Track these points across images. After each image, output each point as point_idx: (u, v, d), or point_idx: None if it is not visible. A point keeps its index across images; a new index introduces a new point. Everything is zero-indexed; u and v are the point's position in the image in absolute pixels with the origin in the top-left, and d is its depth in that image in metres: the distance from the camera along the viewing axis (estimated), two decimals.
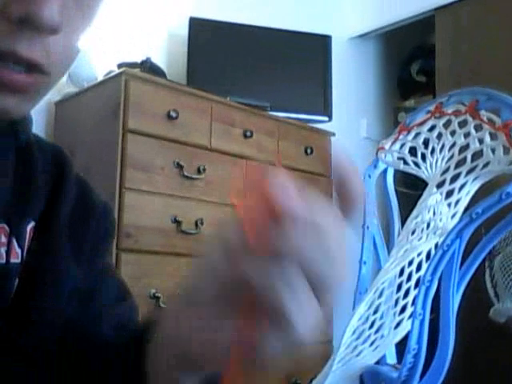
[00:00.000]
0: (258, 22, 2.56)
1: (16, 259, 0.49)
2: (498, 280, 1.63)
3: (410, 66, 3.30)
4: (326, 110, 2.57)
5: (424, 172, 0.47)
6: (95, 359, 0.49)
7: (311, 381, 1.95)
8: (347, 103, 3.07)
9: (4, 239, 0.48)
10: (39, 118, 2.15)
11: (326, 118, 2.57)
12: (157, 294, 1.79)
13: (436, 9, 2.77)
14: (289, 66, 2.57)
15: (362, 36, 3.20)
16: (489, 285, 1.66)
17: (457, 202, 0.44)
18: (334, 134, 2.50)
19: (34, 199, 0.52)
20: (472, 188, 0.44)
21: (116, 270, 1.86)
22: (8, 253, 0.49)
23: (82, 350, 0.50)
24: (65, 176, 0.57)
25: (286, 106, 2.45)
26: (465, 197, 0.44)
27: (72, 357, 0.50)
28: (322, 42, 2.66)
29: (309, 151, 2.35)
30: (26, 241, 0.51)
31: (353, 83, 3.17)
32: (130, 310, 0.58)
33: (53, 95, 2.14)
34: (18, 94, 0.41)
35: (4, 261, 0.48)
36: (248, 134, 2.14)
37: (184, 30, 2.40)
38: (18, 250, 0.50)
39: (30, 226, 0.52)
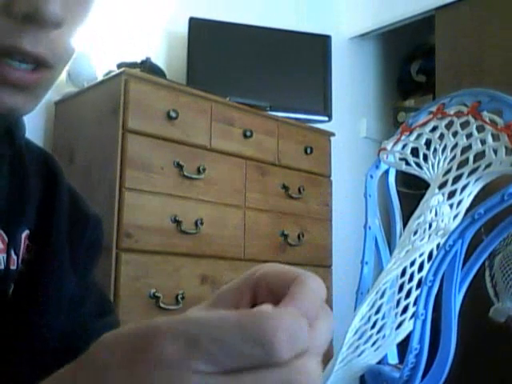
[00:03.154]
0: (258, 22, 2.56)
1: (13, 265, 0.50)
2: (497, 279, 1.63)
3: (410, 65, 3.31)
4: (326, 110, 2.57)
5: (426, 173, 0.48)
6: None
7: None
8: (347, 103, 3.07)
9: (2, 246, 0.49)
10: (39, 118, 2.15)
11: (325, 118, 2.58)
12: (157, 294, 1.79)
13: (436, 8, 2.77)
14: (288, 65, 2.57)
15: (361, 36, 3.20)
16: (488, 284, 1.66)
17: (459, 203, 0.44)
18: (333, 134, 2.50)
19: (27, 207, 0.52)
20: (474, 189, 0.44)
21: (117, 270, 1.85)
22: (7, 259, 0.49)
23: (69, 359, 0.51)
24: (57, 183, 0.57)
25: (286, 106, 2.45)
26: (467, 197, 0.44)
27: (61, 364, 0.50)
28: (321, 42, 2.67)
29: (308, 151, 2.35)
30: (21, 248, 0.51)
31: (352, 83, 3.18)
32: (109, 326, 0.58)
33: (53, 95, 2.14)
34: (25, 91, 0.41)
35: (3, 267, 0.49)
36: (248, 133, 2.14)
37: (184, 30, 2.40)
38: (15, 257, 0.50)
39: (25, 233, 0.52)
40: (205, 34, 2.43)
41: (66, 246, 0.55)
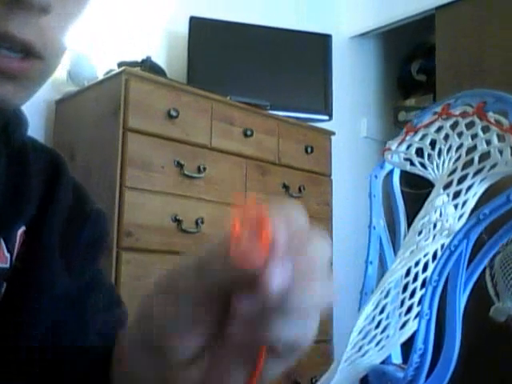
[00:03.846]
0: (258, 21, 2.56)
1: (4, 264, 0.49)
2: (498, 279, 1.64)
3: (410, 65, 3.31)
4: (327, 109, 2.57)
5: (431, 173, 0.47)
6: (76, 365, 0.50)
7: (311, 380, 1.96)
8: (347, 102, 3.07)
9: None
10: (40, 117, 2.15)
11: (326, 117, 2.58)
12: None
13: (436, 8, 2.77)
14: (289, 65, 2.57)
15: (362, 35, 3.20)
16: (489, 284, 1.66)
17: (464, 203, 0.44)
18: (334, 133, 2.50)
19: (25, 204, 0.52)
20: (479, 189, 0.44)
21: (117, 269, 1.84)
22: None
23: (65, 355, 0.50)
24: (59, 181, 0.56)
25: (286, 105, 2.45)
26: (472, 198, 0.44)
27: (55, 361, 0.50)
28: (322, 41, 2.66)
29: (309, 150, 2.35)
30: (16, 246, 0.50)
31: (353, 82, 3.17)
32: (117, 318, 0.57)
33: (53, 94, 2.14)
34: (14, 80, 0.40)
35: None
36: (248, 132, 2.14)
37: (184, 29, 2.40)
38: (7, 255, 0.49)
39: (21, 230, 0.51)
40: (205, 33, 2.43)
41: (56, 245, 0.54)
